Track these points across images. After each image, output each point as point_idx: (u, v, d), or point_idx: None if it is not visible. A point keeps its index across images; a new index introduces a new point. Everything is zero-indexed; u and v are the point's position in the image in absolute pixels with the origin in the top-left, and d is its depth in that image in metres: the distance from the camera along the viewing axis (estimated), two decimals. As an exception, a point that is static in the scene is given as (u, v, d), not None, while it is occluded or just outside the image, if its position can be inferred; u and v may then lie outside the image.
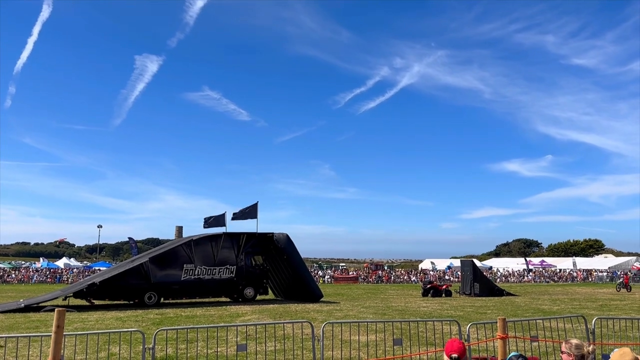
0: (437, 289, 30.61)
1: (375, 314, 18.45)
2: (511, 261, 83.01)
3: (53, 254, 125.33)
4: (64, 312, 5.82)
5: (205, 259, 23.80)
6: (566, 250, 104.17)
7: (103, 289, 21.64)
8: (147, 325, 14.59)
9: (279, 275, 26.75)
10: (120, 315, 17.95)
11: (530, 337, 8.98)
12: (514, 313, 19.18)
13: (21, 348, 9.00)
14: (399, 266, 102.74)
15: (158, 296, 22.55)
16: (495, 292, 30.81)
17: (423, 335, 10.80)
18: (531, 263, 74.64)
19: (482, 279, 32.13)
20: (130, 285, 22.19)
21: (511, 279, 63.01)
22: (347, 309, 20.66)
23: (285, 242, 25.18)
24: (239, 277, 24.43)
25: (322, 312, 18.95)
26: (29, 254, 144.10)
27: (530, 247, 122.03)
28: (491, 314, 18.68)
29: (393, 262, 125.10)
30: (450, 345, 4.75)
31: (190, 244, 23.65)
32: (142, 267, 22.54)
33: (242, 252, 24.71)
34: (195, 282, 23.46)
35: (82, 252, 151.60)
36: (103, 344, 9.87)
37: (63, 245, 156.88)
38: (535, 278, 63.59)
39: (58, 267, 68.86)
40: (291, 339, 10.52)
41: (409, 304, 23.37)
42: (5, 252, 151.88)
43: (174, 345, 10.18)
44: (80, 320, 16.13)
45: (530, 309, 21.26)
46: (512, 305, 22.86)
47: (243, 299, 24.27)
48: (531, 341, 9.23)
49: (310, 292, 24.90)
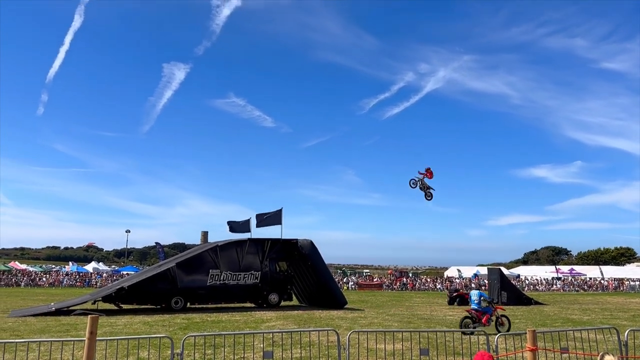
0: (463, 298, 30.16)
1: (400, 322, 18.31)
2: (539, 269, 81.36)
3: (82, 258, 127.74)
4: (97, 318, 5.95)
5: (230, 264, 24.01)
6: (596, 258, 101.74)
7: (131, 294, 22.01)
8: (174, 330, 14.77)
9: (303, 282, 26.79)
10: (148, 319, 18.20)
11: (560, 349, 8.80)
12: (543, 323, 18.80)
13: (53, 351, 9.21)
14: (423, 273, 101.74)
15: (184, 301, 22.81)
16: (523, 301, 30.26)
17: (450, 345, 10.68)
18: (560, 271, 73.06)
19: (509, 287, 31.59)
20: (158, 290, 22.50)
21: (539, 288, 61.78)
22: (372, 316, 20.56)
23: (309, 248, 25.21)
24: (263, 283, 24.55)
25: (347, 319, 18.89)
26: (59, 257, 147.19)
27: (559, 255, 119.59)
28: (519, 323, 18.34)
29: (418, 269, 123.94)
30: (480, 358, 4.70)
31: (216, 250, 23.88)
32: (169, 272, 22.84)
33: (267, 258, 24.84)
34: (220, 287, 23.66)
35: (110, 257, 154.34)
36: (132, 348, 10.03)
37: (92, 249, 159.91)
38: (564, 287, 62.26)
39: (87, 271, 70.21)
40: (316, 346, 10.52)
41: (434, 313, 23.12)
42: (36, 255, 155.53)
43: (201, 351, 10.29)
44: (109, 324, 16.41)
45: (560, 318, 20.81)
46: (541, 315, 22.41)
47: (267, 305, 24.36)
48: (561, 353, 9.04)
49: (335, 299, 24.85)
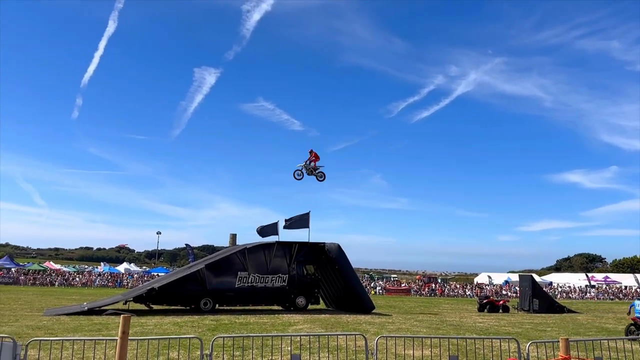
0: (493, 304, 29.68)
1: (429, 328, 18.11)
2: (572, 277, 79.38)
3: (114, 259, 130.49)
4: (129, 318, 6.07)
5: (258, 267, 24.16)
6: (632, 266, 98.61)
7: (161, 294, 22.36)
8: (203, 331, 14.93)
9: (330, 285, 26.76)
10: (177, 320, 18.46)
11: (594, 359, 8.56)
12: (576, 331, 18.34)
13: (86, 350, 9.43)
14: (452, 279, 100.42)
15: (213, 302, 23.06)
16: (555, 309, 29.60)
17: (480, 353, 10.51)
18: (594, 279, 71.20)
19: (541, 294, 30.95)
20: (187, 291, 22.81)
21: (572, 295, 60.29)
22: (400, 322, 20.39)
23: (336, 252, 25.18)
24: (290, 286, 24.62)
25: (374, 324, 18.79)
26: (92, 258, 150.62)
27: (593, 262, 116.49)
28: (551, 331, 17.94)
29: (447, 275, 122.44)
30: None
31: (244, 252, 24.07)
32: (198, 273, 23.12)
33: (294, 261, 24.91)
34: (248, 289, 23.83)
35: (141, 258, 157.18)
36: (162, 348, 10.19)
37: (123, 250, 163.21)
38: (598, 295, 60.61)
39: (119, 271, 71.73)
40: (344, 350, 10.49)
41: (464, 319, 22.79)
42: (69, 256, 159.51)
43: (229, 352, 10.38)
44: (140, 324, 16.70)
45: (594, 327, 20.27)
46: (574, 323, 21.86)
47: (295, 308, 24.41)
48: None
49: (362, 303, 24.74)
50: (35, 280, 55.72)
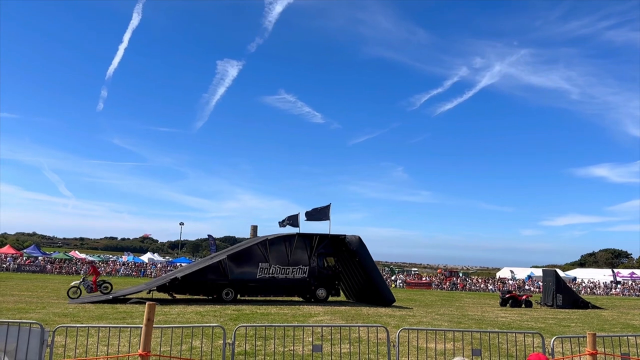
0: (516, 299, 29.34)
1: (450, 322, 17.99)
2: (597, 272, 78.04)
3: (138, 249, 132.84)
4: (154, 306, 6.14)
5: (279, 258, 24.29)
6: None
7: (184, 284, 22.67)
8: (224, 321, 15.09)
9: (350, 278, 26.77)
10: (200, 309, 18.69)
11: (621, 355, 8.40)
12: (601, 327, 18.03)
13: (111, 337, 9.60)
14: (474, 273, 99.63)
15: (235, 293, 23.27)
16: (579, 305, 29.16)
17: (503, 347, 10.40)
18: (619, 275, 69.87)
19: (565, 290, 30.50)
20: (210, 281, 23.07)
21: (597, 291, 59.29)
22: (421, 315, 20.31)
23: (357, 244, 25.16)
24: (311, 278, 24.70)
25: (395, 317, 18.74)
26: (116, 248, 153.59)
27: (619, 258, 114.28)
28: (575, 327, 17.66)
29: (468, 269, 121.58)
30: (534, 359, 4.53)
31: (266, 243, 24.22)
32: (220, 264, 23.36)
33: (315, 253, 24.96)
34: (269, 280, 23.99)
35: (164, 248, 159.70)
36: (185, 337, 10.32)
37: (147, 240, 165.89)
38: (623, 291, 59.48)
39: (142, 261, 72.96)
40: (365, 342, 10.48)
41: (486, 314, 22.59)
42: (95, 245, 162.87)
43: (251, 342, 10.47)
44: (163, 313, 16.95)
45: (619, 323, 19.90)
46: (599, 319, 21.50)
47: (315, 300, 24.50)
48: (622, 359, 8.63)
49: (382, 296, 24.69)
50: (61, 268, 56.96)
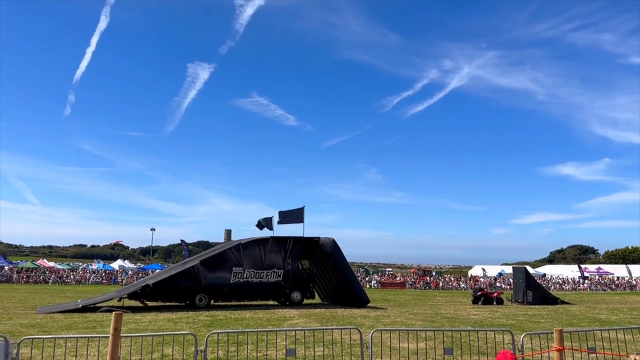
0: (488, 297, 29.84)
1: (423, 321, 18.17)
2: (566, 268, 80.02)
3: (108, 256, 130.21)
4: (121, 315, 6.03)
5: (253, 262, 24.14)
6: (624, 257, 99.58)
7: (156, 291, 22.29)
8: (198, 327, 14.91)
9: (325, 280, 26.79)
10: (172, 316, 18.42)
11: (587, 349, 8.61)
12: (570, 322, 18.46)
13: (80, 347, 9.38)
14: (447, 272, 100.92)
15: (208, 298, 23.02)
16: (549, 301, 29.78)
17: (475, 345, 10.55)
18: (587, 270, 71.73)
19: (535, 286, 31.12)
20: (182, 287, 22.76)
21: (566, 287, 60.74)
22: (395, 315, 20.45)
23: (331, 246, 25.20)
24: (286, 281, 24.63)
25: (370, 317, 18.83)
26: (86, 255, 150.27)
27: (586, 254, 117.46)
28: (545, 323, 18.05)
29: (441, 268, 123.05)
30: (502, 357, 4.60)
31: (239, 248, 24.04)
32: (193, 269, 23.08)
33: (289, 256, 24.90)
34: (244, 285, 23.81)
35: (136, 254, 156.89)
36: (157, 345, 10.15)
37: (118, 247, 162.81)
38: (591, 286, 61.08)
39: (113, 268, 71.50)
40: (339, 344, 10.50)
41: (458, 312, 22.89)
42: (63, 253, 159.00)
43: (224, 348, 10.36)
44: (134, 321, 16.65)
45: (587, 318, 20.41)
46: (567, 315, 22.01)
47: (290, 303, 24.43)
48: (588, 353, 8.85)
49: (357, 297, 24.79)
50: (28, 278, 55.41)
